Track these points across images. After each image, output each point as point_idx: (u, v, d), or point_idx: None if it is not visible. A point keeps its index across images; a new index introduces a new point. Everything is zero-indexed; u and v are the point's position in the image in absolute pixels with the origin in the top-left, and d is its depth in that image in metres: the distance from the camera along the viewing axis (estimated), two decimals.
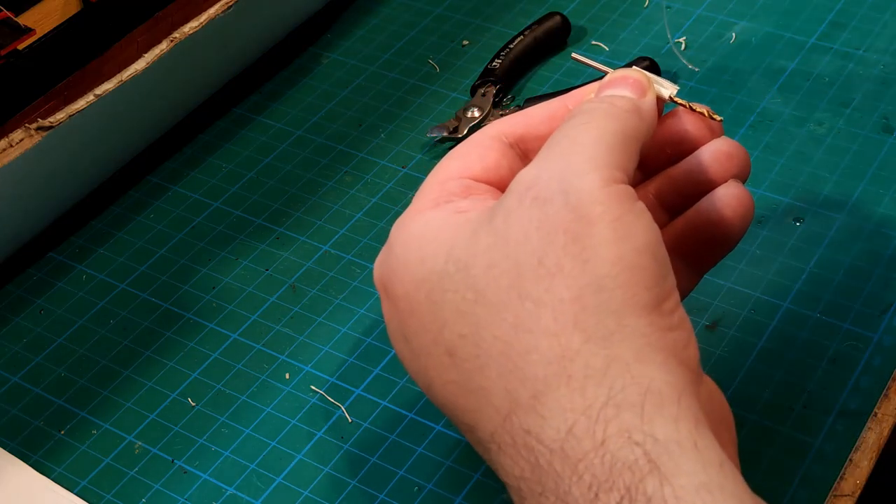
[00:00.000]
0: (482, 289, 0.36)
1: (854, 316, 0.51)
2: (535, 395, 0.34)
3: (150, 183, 0.62)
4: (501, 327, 0.35)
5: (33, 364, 0.53)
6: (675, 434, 0.33)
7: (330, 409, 0.50)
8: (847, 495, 0.45)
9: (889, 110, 0.61)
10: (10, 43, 0.51)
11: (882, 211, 0.56)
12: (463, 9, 0.71)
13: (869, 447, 0.46)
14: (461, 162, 0.41)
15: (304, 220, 0.59)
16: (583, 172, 0.36)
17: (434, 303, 0.37)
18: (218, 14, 0.57)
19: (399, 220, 0.40)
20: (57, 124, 0.51)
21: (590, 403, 0.34)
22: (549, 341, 0.35)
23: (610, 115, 0.38)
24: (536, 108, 0.43)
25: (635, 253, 0.35)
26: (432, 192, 0.40)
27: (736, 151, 0.43)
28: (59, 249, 0.59)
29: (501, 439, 0.35)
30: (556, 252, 0.35)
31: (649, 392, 0.34)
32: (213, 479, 0.48)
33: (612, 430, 0.33)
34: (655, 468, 0.32)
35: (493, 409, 0.35)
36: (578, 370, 0.34)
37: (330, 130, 0.64)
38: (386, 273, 0.39)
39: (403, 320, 0.39)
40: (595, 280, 0.35)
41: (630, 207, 0.36)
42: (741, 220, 0.43)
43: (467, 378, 0.36)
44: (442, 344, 0.37)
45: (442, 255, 0.37)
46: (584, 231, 0.35)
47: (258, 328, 0.54)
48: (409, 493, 0.47)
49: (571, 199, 0.35)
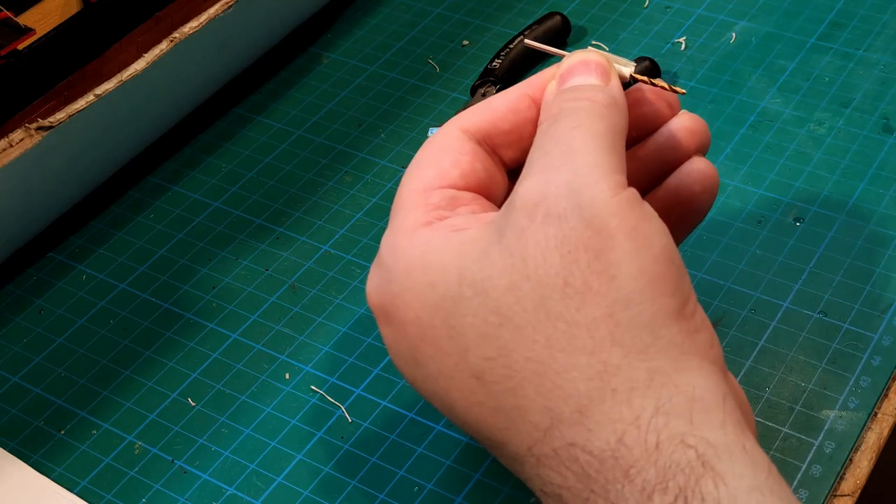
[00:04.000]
0: (505, 312, 0.36)
1: (854, 316, 0.51)
2: (579, 409, 0.35)
3: (150, 183, 0.62)
4: (533, 348, 0.35)
5: (33, 364, 0.53)
6: (724, 438, 0.34)
7: (330, 409, 0.50)
8: (847, 495, 0.45)
9: (889, 110, 0.61)
10: (10, 43, 0.51)
11: (882, 211, 0.56)
12: (463, 9, 0.71)
13: (869, 447, 0.46)
14: (436, 170, 0.41)
15: (304, 220, 0.59)
16: (591, 183, 0.36)
17: (453, 328, 0.37)
18: (218, 14, 0.57)
19: (389, 241, 0.40)
20: (57, 124, 0.51)
21: (638, 414, 0.34)
22: (588, 359, 0.35)
23: (594, 114, 0.38)
24: (496, 99, 0.42)
25: (655, 262, 0.36)
26: (416, 206, 0.40)
27: (697, 126, 0.44)
28: (59, 249, 0.59)
29: (541, 452, 0.35)
30: (582, 271, 0.35)
31: (694, 399, 0.35)
32: (213, 479, 0.48)
33: (664, 437, 0.34)
34: (710, 469, 0.33)
35: (530, 426, 0.36)
36: (622, 383, 0.35)
37: (330, 130, 0.64)
38: (387, 299, 0.39)
39: (415, 346, 0.38)
40: (624, 296, 0.35)
41: (642, 213, 0.36)
42: (710, 194, 0.44)
43: (497, 399, 0.36)
44: (467, 368, 0.37)
45: (453, 278, 0.37)
46: (605, 245, 0.35)
47: (258, 328, 0.54)
48: (409, 493, 0.47)
49: (586, 213, 0.35)
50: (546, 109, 0.40)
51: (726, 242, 0.55)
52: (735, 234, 0.55)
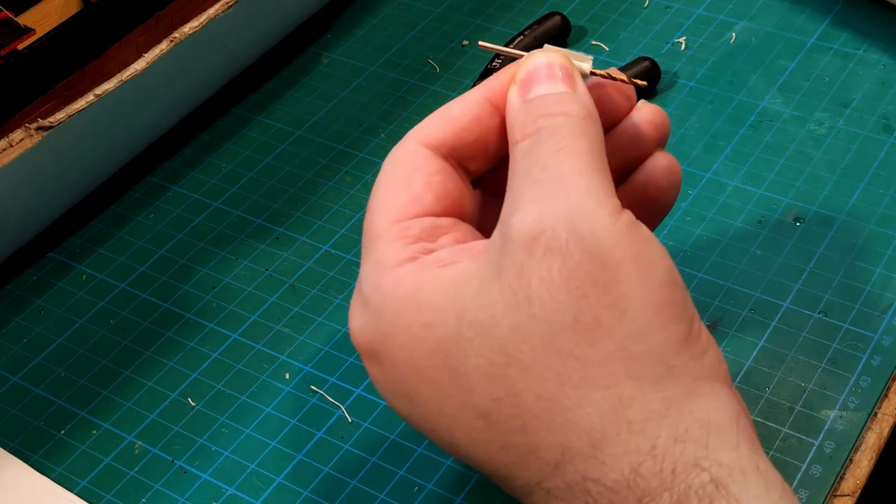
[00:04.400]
0: (512, 352, 0.35)
1: (854, 316, 0.51)
2: (593, 444, 0.34)
3: (150, 183, 0.62)
4: (544, 387, 0.35)
5: (33, 364, 0.53)
6: (738, 459, 0.34)
7: (330, 409, 0.50)
8: (847, 495, 0.45)
9: (889, 110, 0.61)
10: (10, 43, 0.51)
11: (882, 211, 0.56)
12: (463, 9, 0.71)
13: (869, 447, 0.46)
14: (407, 195, 0.39)
15: (304, 220, 0.59)
16: (588, 211, 0.35)
17: (455, 369, 0.36)
18: (218, 14, 0.57)
19: (372, 279, 0.38)
20: (57, 124, 0.51)
21: (654, 444, 0.34)
22: (603, 393, 0.34)
23: (575, 132, 0.37)
24: (455, 107, 0.40)
25: (662, 288, 0.35)
26: (394, 239, 0.38)
27: (659, 118, 0.43)
28: (59, 249, 0.59)
29: (552, 485, 0.35)
30: (592, 307, 0.34)
31: (710, 424, 0.34)
32: (213, 479, 0.48)
33: (680, 464, 0.34)
34: (724, 491, 0.33)
35: (540, 462, 0.35)
36: (637, 415, 0.34)
37: (330, 130, 0.64)
38: (377, 339, 0.38)
39: (412, 387, 0.37)
40: (636, 329, 0.35)
41: (642, 238, 0.36)
42: (676, 188, 0.43)
43: (506, 438, 0.36)
44: (472, 409, 0.36)
45: (451, 319, 0.36)
46: (612, 278, 0.35)
47: (258, 328, 0.54)
48: (409, 493, 0.47)
49: (589, 244, 0.35)
50: (518, 125, 0.38)
51: (726, 242, 0.55)
52: (735, 234, 0.55)
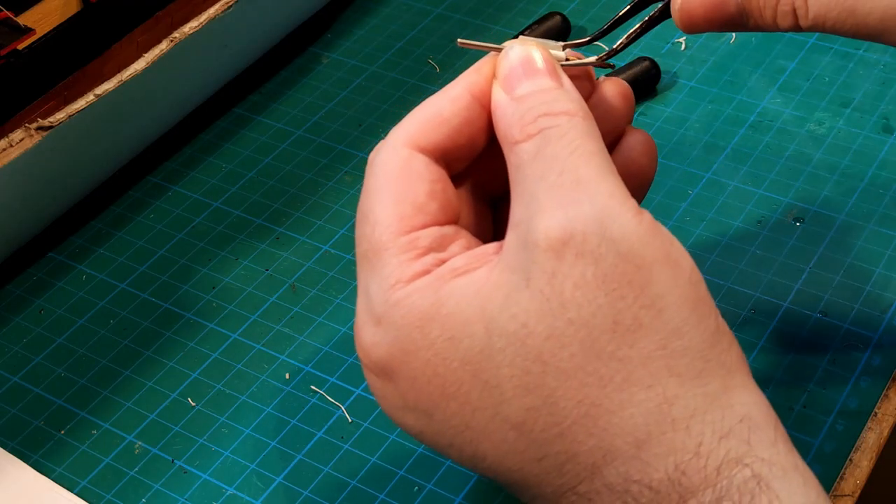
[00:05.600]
0: (549, 359, 0.35)
1: (854, 316, 0.51)
2: (637, 444, 0.34)
3: (150, 183, 0.62)
4: (585, 392, 0.35)
5: (33, 364, 0.53)
6: (777, 456, 0.34)
7: (330, 409, 0.50)
8: (847, 495, 0.45)
9: (889, 110, 0.61)
10: (10, 43, 0.51)
11: (882, 211, 0.56)
12: (463, 9, 0.71)
13: (869, 447, 0.46)
14: (412, 205, 0.38)
15: (304, 220, 0.59)
16: (615, 215, 0.35)
17: (486, 382, 0.35)
18: (218, 14, 0.57)
19: (385, 296, 0.37)
20: (57, 124, 0.51)
21: (699, 441, 0.34)
22: (646, 393, 0.34)
23: (583, 132, 0.37)
24: (443, 107, 0.39)
25: (691, 285, 0.35)
26: (402, 251, 0.37)
27: (624, 89, 0.43)
28: (59, 249, 0.59)
29: (588, 488, 0.35)
30: (631, 309, 0.34)
31: (750, 419, 0.35)
32: (213, 479, 0.48)
33: (725, 462, 0.34)
34: (766, 487, 0.33)
35: (578, 467, 0.35)
36: (681, 412, 0.34)
37: (330, 130, 0.64)
38: (395, 356, 0.37)
39: (433, 402, 0.37)
40: (675, 327, 0.35)
41: (666, 237, 0.36)
42: (655, 161, 0.43)
43: (540, 447, 0.35)
44: (504, 421, 0.36)
45: (479, 331, 0.35)
46: (647, 279, 0.35)
47: (258, 328, 0.54)
48: (409, 493, 0.47)
49: (622, 248, 0.35)
50: (516, 125, 0.37)
51: (726, 242, 0.55)
52: (735, 234, 0.55)
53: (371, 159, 0.40)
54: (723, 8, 0.39)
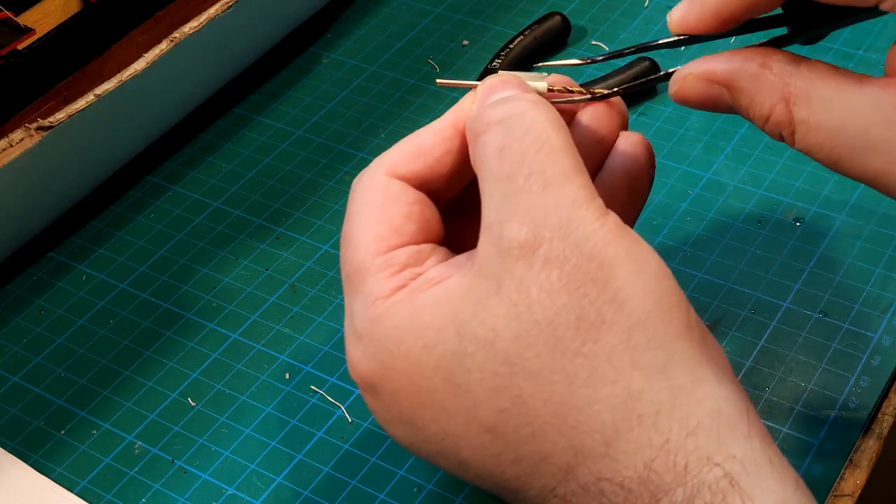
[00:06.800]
0: (516, 360, 0.35)
1: (854, 316, 0.51)
2: (606, 442, 0.34)
3: (150, 183, 0.62)
4: (552, 390, 0.35)
5: (33, 364, 0.53)
6: (751, 452, 0.34)
7: (330, 409, 0.50)
8: (847, 495, 0.45)
9: None
10: (10, 43, 0.51)
11: (882, 211, 0.56)
12: (463, 9, 0.71)
13: (869, 447, 0.46)
14: (388, 226, 0.39)
15: (304, 220, 0.59)
16: (580, 218, 0.35)
17: (458, 386, 0.36)
18: (218, 14, 0.57)
19: (365, 314, 0.38)
20: (57, 124, 0.51)
21: (666, 437, 0.34)
22: (611, 388, 0.35)
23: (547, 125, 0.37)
24: (425, 138, 0.40)
25: (656, 279, 0.36)
26: (381, 270, 0.38)
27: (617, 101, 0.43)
28: (59, 249, 0.59)
29: (566, 490, 0.35)
30: (593, 304, 0.35)
31: (720, 414, 0.34)
32: (213, 479, 0.48)
33: (693, 458, 0.34)
34: (737, 486, 0.33)
35: (553, 468, 0.35)
36: (647, 407, 0.34)
37: (330, 130, 0.64)
38: (375, 370, 0.38)
39: (413, 412, 0.37)
40: (638, 319, 0.35)
41: (630, 235, 0.36)
42: (652, 161, 0.43)
43: (515, 449, 0.36)
44: (477, 424, 0.36)
45: (450, 336, 0.36)
46: (609, 275, 0.35)
47: (258, 328, 0.54)
48: (409, 493, 0.47)
49: (584, 248, 0.35)
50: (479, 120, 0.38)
51: (726, 242, 0.55)
52: (735, 234, 0.55)
53: (353, 186, 0.41)
54: (715, 104, 0.40)
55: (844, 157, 0.37)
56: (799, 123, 0.37)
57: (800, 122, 0.37)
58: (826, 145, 0.37)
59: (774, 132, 0.38)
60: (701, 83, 0.39)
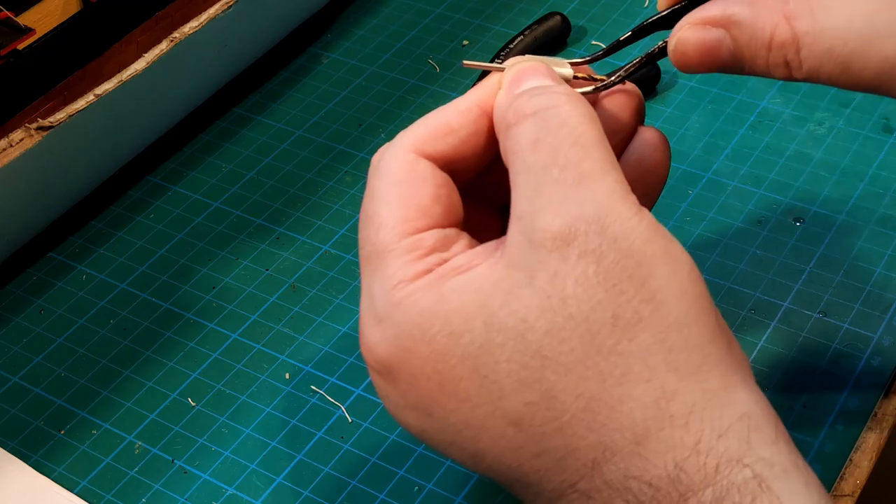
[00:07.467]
0: (548, 354, 0.35)
1: (854, 316, 0.51)
2: (636, 440, 0.34)
3: (150, 183, 0.62)
4: (585, 385, 0.35)
5: (33, 364, 0.53)
6: (778, 456, 0.34)
7: (330, 409, 0.50)
8: (847, 495, 0.45)
9: (889, 110, 0.61)
10: (10, 43, 0.51)
11: (882, 211, 0.56)
12: (463, 9, 0.71)
13: (869, 447, 0.46)
14: (416, 207, 0.38)
15: (304, 220, 0.59)
16: (616, 213, 0.35)
17: (484, 377, 0.36)
18: (218, 14, 0.57)
19: (388, 296, 0.37)
20: (57, 124, 0.52)
21: (698, 438, 0.34)
22: (644, 387, 0.34)
23: (583, 119, 0.37)
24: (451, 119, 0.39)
25: (690, 281, 0.36)
26: (406, 253, 0.37)
27: (631, 87, 0.43)
28: (59, 249, 0.59)
29: (589, 486, 0.35)
30: (630, 302, 0.35)
31: (750, 417, 0.34)
32: (213, 479, 0.48)
33: (724, 460, 0.34)
34: (767, 489, 0.33)
35: (577, 463, 0.35)
36: (679, 408, 0.34)
37: (330, 130, 0.64)
38: (395, 355, 0.37)
39: (433, 399, 0.37)
40: (674, 320, 0.35)
41: (665, 234, 0.36)
42: (669, 157, 0.43)
43: (539, 442, 0.35)
44: (502, 416, 0.36)
45: (478, 325, 0.36)
46: (647, 273, 0.35)
47: (258, 328, 0.54)
48: (409, 493, 0.47)
49: (622, 245, 0.35)
50: (512, 110, 0.38)
51: (726, 242, 0.55)
52: (735, 234, 0.55)
53: (375, 162, 0.40)
54: (716, 53, 0.39)
55: (856, 53, 0.36)
56: (803, 36, 0.37)
57: (804, 35, 0.37)
58: (835, 49, 0.37)
59: (779, 59, 0.38)
60: (698, 30, 0.39)
